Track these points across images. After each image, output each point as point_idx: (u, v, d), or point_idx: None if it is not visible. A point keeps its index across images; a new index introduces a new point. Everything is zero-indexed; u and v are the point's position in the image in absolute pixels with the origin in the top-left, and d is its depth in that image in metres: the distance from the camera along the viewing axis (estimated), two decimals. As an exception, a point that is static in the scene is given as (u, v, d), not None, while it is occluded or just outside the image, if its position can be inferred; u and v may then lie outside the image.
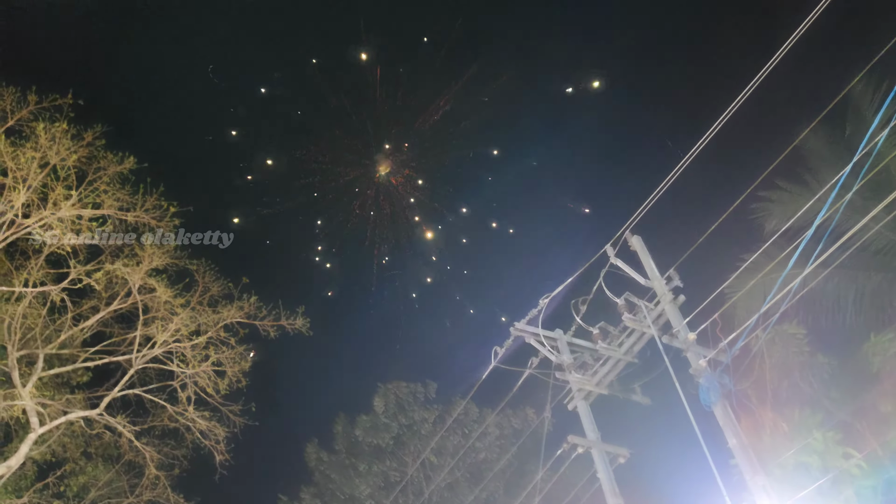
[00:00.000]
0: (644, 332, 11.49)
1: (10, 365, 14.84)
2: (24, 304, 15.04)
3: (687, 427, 10.10)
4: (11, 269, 15.61)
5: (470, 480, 21.64)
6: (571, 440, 11.63)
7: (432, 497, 21.51)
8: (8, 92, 14.33)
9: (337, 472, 23.01)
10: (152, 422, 17.44)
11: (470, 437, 21.74)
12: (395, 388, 23.86)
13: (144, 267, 15.56)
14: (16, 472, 15.71)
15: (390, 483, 21.99)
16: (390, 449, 22.89)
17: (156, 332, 15.91)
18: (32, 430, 14.85)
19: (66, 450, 17.40)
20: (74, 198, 14.24)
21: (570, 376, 12.15)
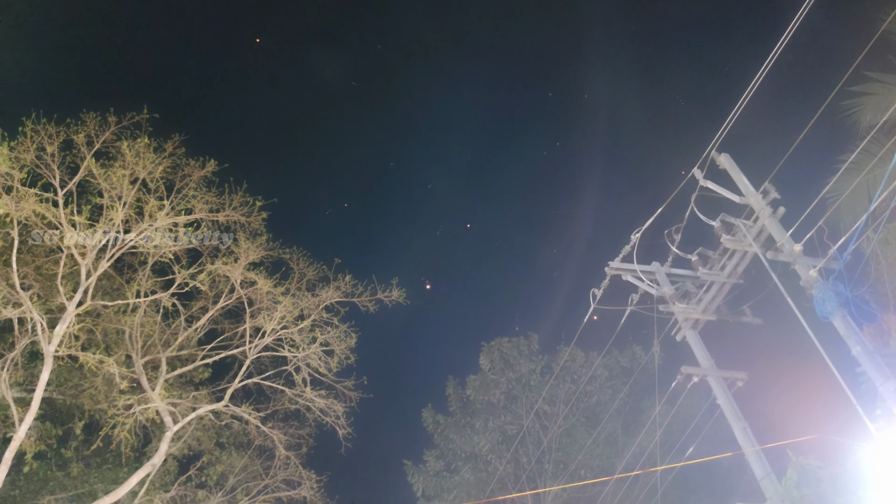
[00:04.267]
0: (746, 251, 11.10)
1: (138, 371, 15.82)
2: (139, 314, 15.95)
3: (804, 342, 9.75)
4: (122, 282, 16.55)
5: (586, 424, 21.70)
6: (685, 371, 11.44)
7: (551, 444, 21.71)
8: (90, 117, 15.01)
9: (455, 433, 23.54)
10: (274, 406, 18.23)
11: (579, 383, 21.73)
12: (497, 345, 24.05)
13: (242, 263, 16.16)
14: (160, 469, 16.84)
15: (508, 436, 22.31)
16: (502, 404, 23.18)
17: (263, 323, 16.56)
18: (168, 428, 15.84)
19: (201, 443, 18.49)
20: (167, 207, 14.88)
21: (674, 307, 11.90)
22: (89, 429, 17.73)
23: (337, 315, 17.53)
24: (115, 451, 17.46)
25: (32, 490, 17.43)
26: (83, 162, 14.76)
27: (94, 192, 15.06)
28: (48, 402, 16.82)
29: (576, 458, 20.37)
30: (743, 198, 10.94)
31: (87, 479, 18.24)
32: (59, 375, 16.69)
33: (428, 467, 23.51)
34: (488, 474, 21.93)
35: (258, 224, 16.80)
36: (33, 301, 14.12)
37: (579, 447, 20.59)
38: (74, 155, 15.00)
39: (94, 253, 14.66)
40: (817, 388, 12.18)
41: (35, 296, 14.40)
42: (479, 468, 22.53)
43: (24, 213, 13.69)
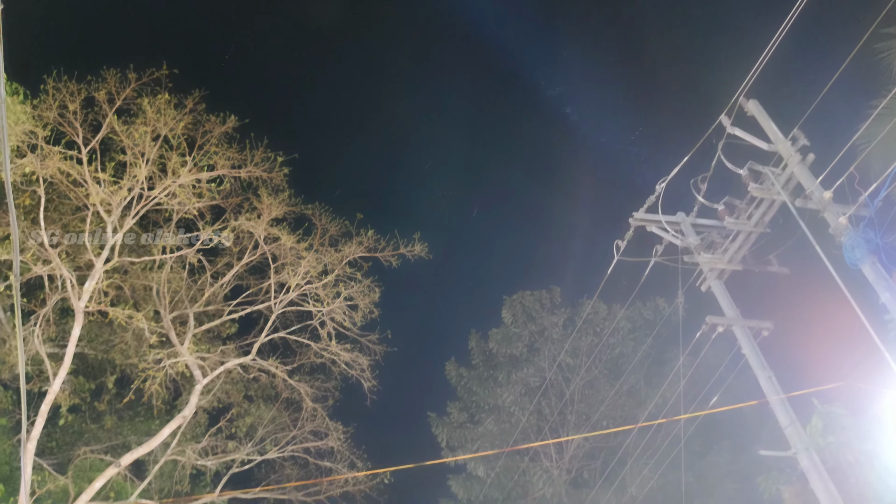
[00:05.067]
0: (773, 199, 10.92)
1: (166, 326, 16.11)
2: (166, 270, 16.18)
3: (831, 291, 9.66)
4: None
5: (609, 376, 21.80)
6: (710, 321, 11.38)
7: (574, 396, 21.89)
8: (110, 74, 15.01)
9: (478, 385, 23.79)
10: (300, 360, 18.52)
11: (602, 335, 21.76)
12: (520, 299, 24.09)
13: (265, 218, 16.26)
14: (191, 421, 17.26)
15: (531, 389, 22.50)
16: (525, 357, 23.33)
17: (287, 278, 16.73)
18: (197, 381, 16.19)
19: (230, 396, 18.88)
20: (190, 163, 14.96)
21: (700, 258, 11.80)
22: (121, 383, 18.17)
23: (360, 270, 17.67)
24: (147, 405, 17.92)
25: (68, 442, 17.98)
26: (105, 119, 14.82)
27: (117, 150, 15.16)
28: (80, 357, 17.22)
29: (598, 409, 20.52)
30: (771, 145, 10.72)
31: (121, 432, 18.77)
32: (89, 331, 17.06)
33: (451, 419, 23.84)
34: (511, 425, 22.20)
35: (280, 180, 16.86)
36: (62, 258, 14.35)
37: (601, 398, 20.72)
38: (96, 112, 15.06)
39: (120, 210, 14.82)
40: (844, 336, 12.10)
41: (63, 253, 14.62)
42: (501, 420, 22.80)
43: (50, 170, 13.82)
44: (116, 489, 16.69)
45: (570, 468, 22.05)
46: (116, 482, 16.67)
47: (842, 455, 10.81)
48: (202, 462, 17.68)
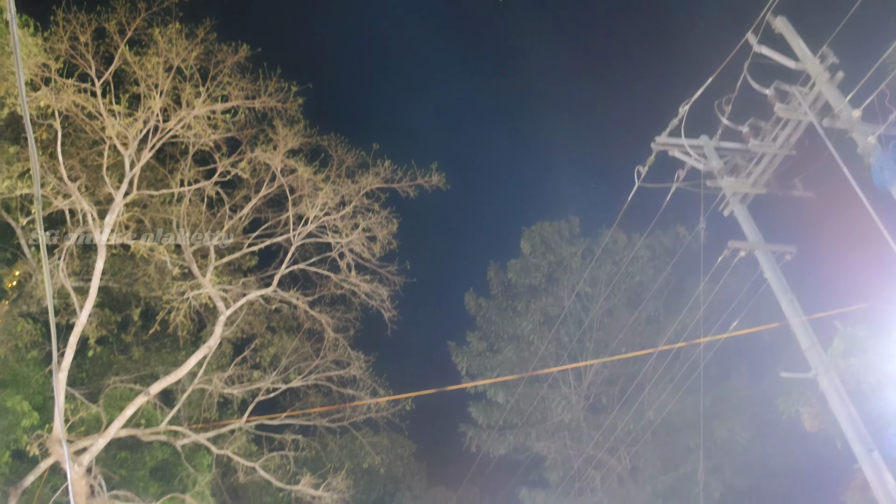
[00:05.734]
0: (800, 120, 10.62)
1: (188, 259, 16.26)
2: (185, 204, 16.23)
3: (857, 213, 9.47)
4: (166, 173, 16.76)
5: (628, 305, 21.86)
6: (732, 245, 11.25)
7: (592, 325, 22.03)
8: (119, 4, 14.73)
9: (496, 315, 24.00)
10: (321, 292, 18.70)
11: (621, 264, 21.71)
12: (538, 229, 24.02)
13: (281, 150, 16.16)
14: (216, 351, 17.61)
15: (549, 318, 22.66)
16: (543, 287, 23.41)
17: (305, 210, 16.73)
18: (220, 313, 16.44)
19: (253, 327, 19.19)
20: (203, 94, 14.79)
21: (723, 182, 11.58)
22: (146, 315, 18.47)
23: (378, 201, 17.62)
24: (173, 336, 18.27)
25: (98, 373, 18.46)
26: (117, 51, 14.62)
27: (130, 82, 15.00)
28: (105, 290, 17.49)
29: (617, 336, 20.65)
30: (799, 63, 10.35)
31: (148, 362, 19.22)
32: (113, 265, 17.27)
33: (471, 348, 24.17)
34: (530, 354, 22.46)
35: (294, 111, 16.67)
36: (81, 192, 14.41)
37: (620, 326, 20.83)
38: (108, 44, 14.85)
39: (136, 143, 14.78)
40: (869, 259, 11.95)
41: (83, 187, 14.67)
42: (520, 348, 23.07)
43: (64, 104, 13.74)
44: (147, 417, 17.20)
45: (588, 394, 22.39)
46: (146, 410, 17.16)
47: (863, 377, 10.82)
48: (228, 390, 18.13)
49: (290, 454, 18.92)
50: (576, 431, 22.02)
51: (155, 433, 17.04)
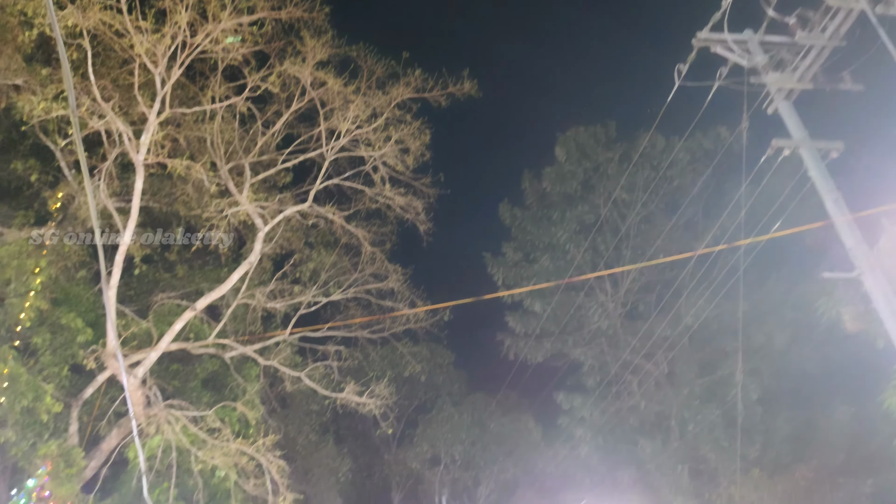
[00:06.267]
0: (851, 8, 10.05)
1: (224, 177, 16.39)
2: (217, 121, 16.21)
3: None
4: (197, 90, 16.68)
5: (665, 210, 21.59)
6: (776, 143, 10.89)
7: (629, 231, 21.87)
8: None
9: (532, 225, 23.93)
10: (356, 206, 18.76)
11: (659, 169, 21.29)
12: (573, 136, 23.58)
13: (310, 62, 15.90)
14: (257, 267, 17.93)
15: (585, 226, 22.53)
16: (579, 194, 23.18)
17: (337, 123, 16.60)
18: (259, 229, 16.68)
19: (291, 243, 19.45)
20: (229, 7, 14.50)
21: (768, 77, 11.12)
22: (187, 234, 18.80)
23: (409, 112, 17.37)
24: (214, 253, 18.67)
25: (145, 290, 19.03)
26: (138, -36, 14.32)
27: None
28: (146, 210, 17.79)
29: (654, 243, 20.49)
30: (852, -54, 9.72)
31: (193, 280, 19.72)
32: (151, 185, 17.50)
33: (507, 259, 24.26)
34: (566, 262, 22.49)
35: (321, 20, 16.29)
36: (115, 112, 14.46)
37: (658, 233, 20.63)
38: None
39: (166, 61, 14.66)
40: (920, 154, 11.50)
41: (116, 107, 14.71)
42: (556, 257, 23.08)
43: (92, 22, 13.61)
44: (195, 331, 17.78)
45: (625, 301, 22.48)
46: (194, 325, 17.73)
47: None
48: (271, 305, 18.57)
49: (334, 364, 19.48)
50: (613, 338, 22.25)
51: (203, 346, 17.65)
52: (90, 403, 16.09)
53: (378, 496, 34.52)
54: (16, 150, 17.32)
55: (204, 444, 15.62)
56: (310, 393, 20.95)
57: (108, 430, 16.17)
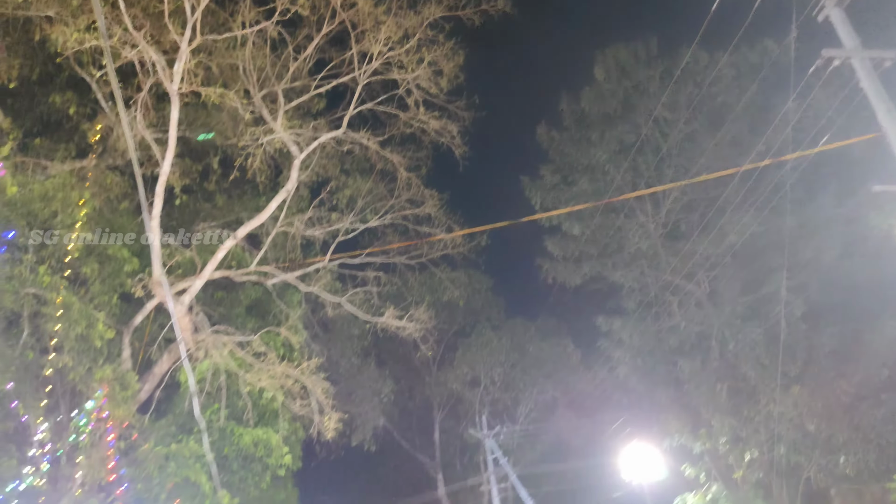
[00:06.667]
0: None
1: (257, 105, 16.33)
2: (248, 47, 16.04)
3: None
4: (226, 16, 16.46)
5: (709, 128, 20.90)
6: (826, 53, 10.41)
7: (671, 151, 21.33)
8: None
9: (570, 146, 23.50)
10: (390, 132, 18.59)
11: (703, 85, 20.52)
12: (613, 53, 22.84)
13: (338, -20, 15.54)
14: (294, 195, 18.04)
15: (626, 146, 22.03)
16: (619, 114, 22.57)
17: (369, 46, 16.29)
18: (294, 157, 16.71)
19: (327, 170, 19.47)
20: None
21: (819, -20, 10.50)
22: (224, 163, 18.92)
23: (442, 32, 16.93)
24: (252, 182, 18.78)
25: (187, 220, 19.34)
26: None
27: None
28: (183, 140, 17.88)
29: (697, 161, 19.97)
30: None
31: (232, 209, 19.98)
32: (187, 115, 17.54)
33: (544, 182, 23.96)
34: (605, 184, 22.13)
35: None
36: (147, 41, 14.39)
37: (701, 151, 20.08)
38: None
39: (193, -15, 14.45)
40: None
41: (148, 35, 14.62)
42: (595, 179, 22.72)
43: (117, -52, 13.41)
44: (237, 259, 18.14)
45: (666, 222, 22.14)
46: (236, 253, 18.07)
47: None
48: (309, 232, 18.79)
49: (373, 290, 19.75)
50: (653, 259, 22.04)
51: (246, 274, 18.02)
52: (140, 330, 16.66)
53: (420, 416, 35.56)
54: (53, 83, 17.46)
55: (251, 367, 16.14)
56: (351, 318, 21.38)
57: (159, 356, 16.78)
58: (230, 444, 15.72)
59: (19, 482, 12.46)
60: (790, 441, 18.03)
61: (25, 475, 12.58)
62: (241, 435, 15.80)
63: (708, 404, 19.68)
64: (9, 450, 12.74)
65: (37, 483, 12.66)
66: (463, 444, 34.10)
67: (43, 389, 13.20)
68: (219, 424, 15.91)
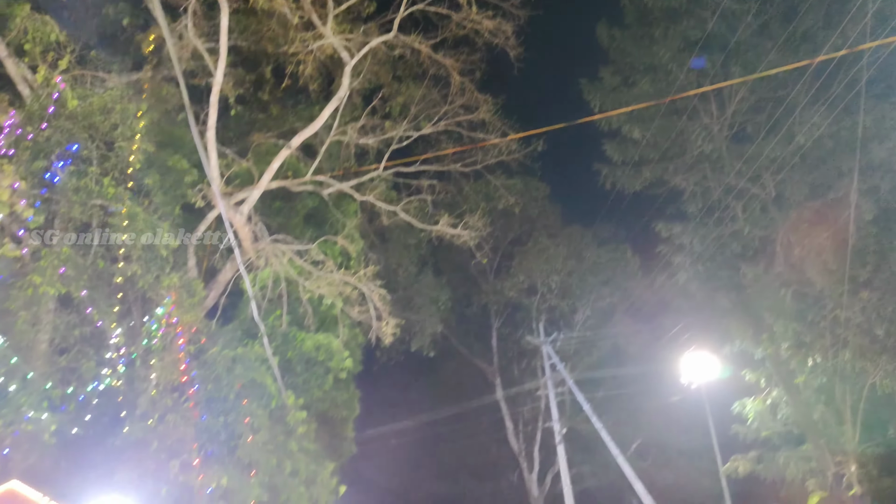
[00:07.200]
0: None
1: (307, 9, 16.00)
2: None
3: None
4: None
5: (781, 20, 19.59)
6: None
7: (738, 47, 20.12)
8: None
9: (631, 45, 22.46)
10: (442, 34, 18.02)
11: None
12: (679, -58, 21.36)
13: None
14: (347, 104, 17.89)
15: (690, 43, 20.90)
16: (684, 8, 21.29)
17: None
18: (346, 63, 16.45)
19: (379, 77, 19.12)
20: None
21: None
22: (277, 73, 18.76)
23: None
24: (305, 91, 18.64)
25: (243, 131, 19.49)
26: None
27: None
28: (235, 50, 17.78)
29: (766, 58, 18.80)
30: None
31: (286, 119, 19.98)
32: (238, 23, 17.36)
33: (604, 83, 23.09)
34: (668, 84, 21.18)
35: None
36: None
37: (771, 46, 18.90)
38: None
39: None
40: None
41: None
42: (658, 79, 21.75)
43: None
44: (292, 169, 18.28)
45: (731, 123, 21.22)
46: (291, 163, 18.19)
47: None
48: (363, 141, 18.70)
49: (428, 198, 19.72)
50: (717, 162, 21.26)
51: (302, 183, 18.18)
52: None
53: (478, 323, 36.13)
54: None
55: (310, 275, 16.50)
56: (406, 227, 21.47)
57: (222, 264, 17.31)
58: (293, 348, 16.29)
59: (98, 383, 13.24)
60: (856, 346, 17.63)
61: (104, 376, 13.35)
62: (303, 340, 16.32)
63: (771, 309, 19.31)
64: (87, 353, 13.48)
65: (115, 383, 13.43)
66: (520, 350, 34.64)
67: (115, 296, 13.79)
68: (281, 330, 16.46)
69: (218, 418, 13.69)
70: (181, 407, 13.02)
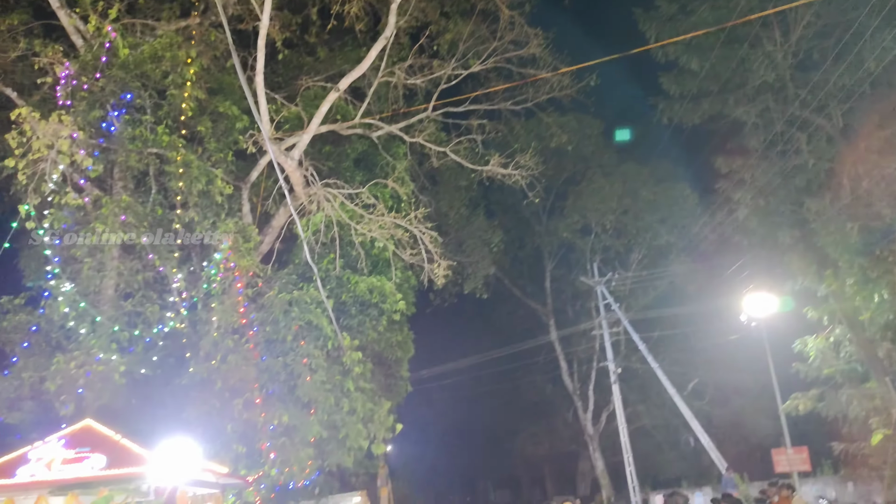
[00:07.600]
0: None
1: (350, -53, 15.65)
2: None
3: None
4: None
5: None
6: None
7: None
8: None
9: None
10: (491, -36, 17.49)
11: None
12: None
13: None
14: (394, 44, 17.58)
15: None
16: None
17: None
18: (391, 0, 16.11)
19: (426, 14, 18.65)
20: None
21: None
22: (323, 14, 18.50)
23: None
24: (352, 32, 18.37)
25: (291, 76, 19.43)
26: None
27: None
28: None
29: None
30: None
31: (334, 62, 19.83)
32: (281, -36, 17.14)
33: (660, 12, 22.05)
34: (728, 10, 20.09)
35: None
36: None
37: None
38: None
39: None
40: None
41: None
42: (717, 6, 20.63)
43: None
44: (341, 112, 18.19)
45: (796, 50, 20.11)
46: (340, 106, 18.10)
47: None
48: (411, 81, 18.42)
49: (478, 138, 19.42)
50: (780, 92, 20.28)
51: (351, 126, 18.11)
52: (256, 185, 17.33)
53: (531, 264, 36.01)
54: (150, -60, 17.36)
55: (361, 218, 16.57)
56: (457, 169, 21.30)
57: (276, 210, 17.51)
58: (347, 290, 16.49)
59: (163, 325, 13.70)
60: (925, 281, 16.94)
61: (168, 319, 13.80)
62: (357, 282, 16.50)
63: (836, 244, 18.61)
64: (151, 297, 13.94)
65: (178, 326, 13.89)
66: (574, 291, 34.48)
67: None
68: (335, 273, 16.65)
69: (277, 359, 14.07)
70: (242, 348, 13.40)
